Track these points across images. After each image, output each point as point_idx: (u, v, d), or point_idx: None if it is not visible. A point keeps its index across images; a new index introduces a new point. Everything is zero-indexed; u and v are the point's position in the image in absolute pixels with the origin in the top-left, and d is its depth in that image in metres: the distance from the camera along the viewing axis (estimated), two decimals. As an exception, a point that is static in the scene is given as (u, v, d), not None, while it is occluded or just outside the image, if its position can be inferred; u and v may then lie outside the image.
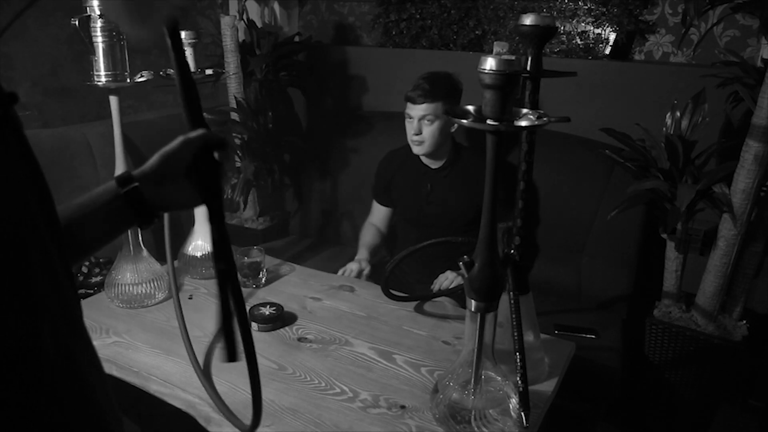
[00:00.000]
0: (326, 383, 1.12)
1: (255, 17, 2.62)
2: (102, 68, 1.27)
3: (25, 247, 0.39)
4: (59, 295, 0.43)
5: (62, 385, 0.42)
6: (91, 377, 0.47)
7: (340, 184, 2.51)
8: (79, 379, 0.45)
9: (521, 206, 1.10)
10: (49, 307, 0.41)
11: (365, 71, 2.58)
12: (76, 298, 0.48)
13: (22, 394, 0.38)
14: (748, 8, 1.58)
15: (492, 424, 0.96)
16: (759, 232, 1.72)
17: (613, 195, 1.90)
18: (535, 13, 0.99)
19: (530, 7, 2.27)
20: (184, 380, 1.12)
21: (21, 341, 0.38)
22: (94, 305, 1.42)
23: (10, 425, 0.38)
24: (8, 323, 0.36)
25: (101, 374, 0.49)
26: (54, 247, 0.44)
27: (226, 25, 2.35)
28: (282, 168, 2.67)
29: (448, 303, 1.51)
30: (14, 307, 0.37)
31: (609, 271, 1.98)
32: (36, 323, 0.39)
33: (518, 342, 1.02)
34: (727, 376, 1.74)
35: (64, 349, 0.43)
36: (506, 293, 1.06)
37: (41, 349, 0.39)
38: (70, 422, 0.43)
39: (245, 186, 2.45)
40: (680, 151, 1.67)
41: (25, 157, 0.43)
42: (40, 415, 0.40)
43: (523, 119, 0.88)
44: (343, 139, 2.48)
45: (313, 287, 1.53)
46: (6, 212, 0.37)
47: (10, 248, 0.37)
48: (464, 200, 1.82)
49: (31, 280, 0.39)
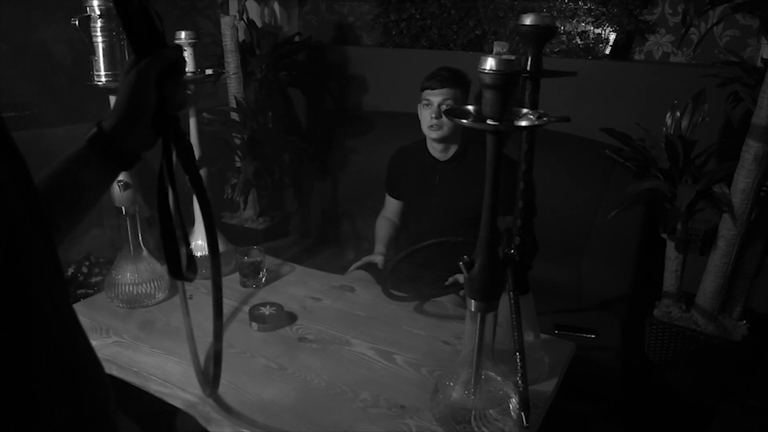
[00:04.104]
0: (326, 383, 1.12)
1: (255, 17, 2.62)
2: (102, 68, 1.27)
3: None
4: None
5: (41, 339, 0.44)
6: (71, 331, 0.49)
7: (340, 184, 2.51)
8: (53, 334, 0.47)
9: (521, 206, 1.10)
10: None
11: (365, 71, 2.58)
12: (55, 263, 0.49)
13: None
14: (748, 8, 1.58)
15: (492, 424, 0.96)
16: (759, 232, 1.72)
17: (613, 195, 1.90)
18: (535, 13, 0.99)
19: (530, 7, 2.27)
20: (184, 380, 1.12)
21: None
22: (94, 305, 1.42)
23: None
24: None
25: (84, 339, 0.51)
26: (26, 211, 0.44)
27: (226, 25, 2.35)
28: (282, 168, 2.67)
29: (448, 303, 1.51)
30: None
31: (609, 271, 1.98)
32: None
33: (518, 342, 1.02)
34: (727, 376, 1.74)
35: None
36: (506, 293, 1.06)
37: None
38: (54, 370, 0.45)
39: (245, 186, 2.45)
40: (680, 151, 1.67)
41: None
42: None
43: (523, 119, 0.88)
44: (343, 139, 2.48)
45: (313, 287, 1.53)
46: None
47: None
48: (472, 193, 1.83)
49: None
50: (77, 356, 0.52)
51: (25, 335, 0.43)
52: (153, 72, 0.66)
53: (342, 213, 2.51)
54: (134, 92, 0.67)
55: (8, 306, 0.41)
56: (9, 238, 0.42)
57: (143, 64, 0.66)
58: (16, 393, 0.42)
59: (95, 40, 1.25)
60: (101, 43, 1.25)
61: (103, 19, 1.23)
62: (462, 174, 1.88)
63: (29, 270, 0.44)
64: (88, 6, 1.24)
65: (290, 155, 2.67)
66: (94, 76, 1.28)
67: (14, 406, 0.41)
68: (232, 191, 2.45)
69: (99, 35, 1.24)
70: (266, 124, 2.51)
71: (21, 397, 0.42)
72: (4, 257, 0.41)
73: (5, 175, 0.45)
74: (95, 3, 1.23)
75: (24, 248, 0.44)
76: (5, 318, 0.41)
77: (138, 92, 0.67)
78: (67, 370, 0.49)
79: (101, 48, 1.25)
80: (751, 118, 1.57)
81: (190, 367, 1.15)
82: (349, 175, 2.46)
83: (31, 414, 0.43)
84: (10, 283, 0.41)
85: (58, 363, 0.47)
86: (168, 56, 0.66)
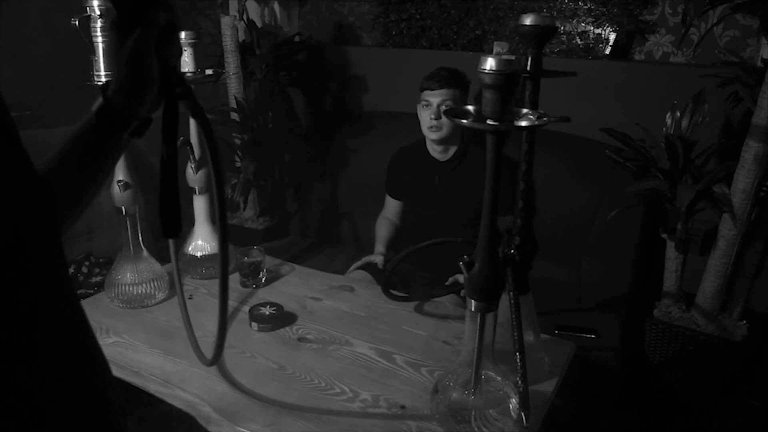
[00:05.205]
0: (326, 383, 1.12)
1: (255, 17, 2.62)
2: (102, 68, 1.27)
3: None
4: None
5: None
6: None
7: (340, 184, 2.51)
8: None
9: (521, 206, 1.10)
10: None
11: (365, 71, 2.58)
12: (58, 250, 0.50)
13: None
14: (748, 8, 1.58)
15: (492, 424, 0.96)
16: (759, 232, 1.72)
17: (613, 195, 1.90)
18: (535, 13, 0.99)
19: (530, 7, 2.27)
20: (184, 380, 1.12)
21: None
22: (94, 305, 1.42)
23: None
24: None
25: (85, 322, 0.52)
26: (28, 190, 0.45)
27: (226, 25, 2.35)
28: (282, 168, 2.67)
29: (448, 303, 1.51)
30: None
31: (609, 271, 1.98)
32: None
33: (518, 342, 1.02)
34: (727, 376, 1.74)
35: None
36: (506, 293, 1.06)
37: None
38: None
39: (245, 186, 2.45)
40: (680, 151, 1.67)
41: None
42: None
43: (523, 119, 0.88)
44: (343, 139, 2.48)
45: (313, 287, 1.53)
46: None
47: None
48: (472, 193, 1.83)
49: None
50: (86, 346, 0.51)
51: (32, 322, 0.43)
52: (150, 42, 0.62)
53: (342, 213, 2.51)
54: (136, 68, 0.64)
55: (15, 293, 0.41)
56: (14, 225, 0.42)
57: (138, 37, 0.62)
58: (23, 383, 0.42)
59: (95, 40, 1.25)
60: (101, 43, 1.25)
61: (103, 19, 1.23)
62: (462, 174, 1.88)
63: (35, 259, 0.44)
64: (88, 6, 1.24)
65: (290, 155, 2.67)
66: (94, 76, 1.28)
67: (22, 397, 0.41)
68: (232, 191, 2.45)
69: (99, 35, 1.24)
70: (266, 125, 2.51)
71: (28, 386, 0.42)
72: (11, 243, 0.41)
73: (10, 162, 0.45)
74: (95, 3, 1.23)
75: (30, 235, 0.44)
76: (12, 304, 0.41)
77: (140, 67, 0.64)
78: (76, 360, 0.49)
79: (101, 48, 1.25)
80: (751, 118, 1.57)
81: (191, 367, 1.15)
82: (349, 175, 2.46)
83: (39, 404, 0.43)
84: (17, 269, 0.41)
85: (66, 352, 0.47)
86: (161, 20, 0.62)
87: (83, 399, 0.49)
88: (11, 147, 0.47)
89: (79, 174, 0.69)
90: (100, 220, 2.30)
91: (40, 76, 2.15)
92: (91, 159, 0.70)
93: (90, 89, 1.30)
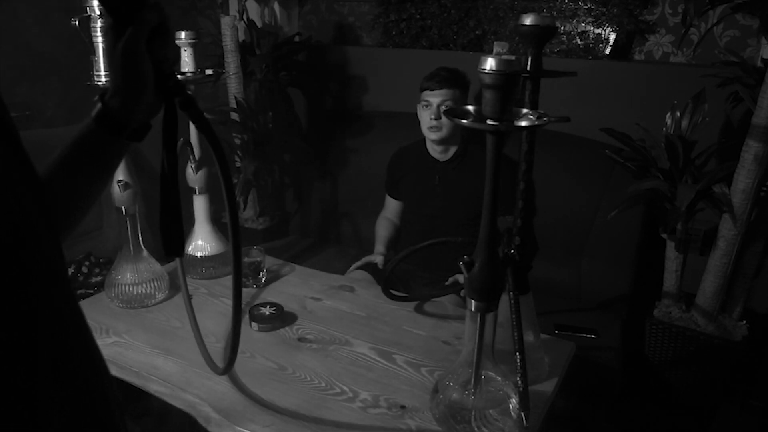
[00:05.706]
0: (326, 383, 1.12)
1: (255, 17, 2.62)
2: (102, 68, 1.26)
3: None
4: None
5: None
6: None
7: (340, 184, 2.51)
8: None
9: (521, 206, 1.10)
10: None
11: (365, 71, 2.58)
12: (58, 251, 0.50)
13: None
14: (748, 8, 1.58)
15: (492, 424, 0.96)
16: (759, 232, 1.72)
17: (613, 195, 1.90)
18: (535, 13, 0.99)
19: (530, 7, 2.27)
20: (184, 380, 1.12)
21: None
22: (94, 305, 1.42)
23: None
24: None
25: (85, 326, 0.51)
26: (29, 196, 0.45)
27: (226, 25, 2.35)
28: (282, 168, 2.67)
29: (448, 303, 1.51)
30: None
31: (609, 271, 1.98)
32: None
33: (518, 342, 1.02)
34: (727, 376, 1.74)
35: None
36: (506, 293, 1.06)
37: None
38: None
39: (245, 186, 2.45)
40: (680, 151, 1.67)
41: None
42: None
43: (523, 119, 0.88)
44: (343, 139, 2.48)
45: (313, 287, 1.53)
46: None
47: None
48: (472, 193, 1.83)
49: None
50: (85, 347, 0.51)
51: (31, 322, 0.43)
52: (141, 43, 0.63)
53: (342, 213, 2.52)
54: (129, 69, 0.65)
55: (15, 293, 0.41)
56: (14, 225, 0.42)
57: (128, 38, 0.62)
58: (23, 383, 0.42)
59: (95, 40, 1.25)
60: (101, 43, 1.25)
61: (103, 19, 1.23)
62: (462, 174, 1.88)
63: (35, 259, 0.44)
64: (88, 6, 1.24)
65: (290, 155, 2.67)
66: (94, 76, 1.28)
67: (20, 398, 0.41)
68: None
69: (99, 35, 1.24)
70: (266, 125, 2.51)
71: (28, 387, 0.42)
72: (10, 243, 0.41)
73: (10, 162, 0.45)
74: (95, 3, 1.23)
75: (30, 235, 0.44)
76: (12, 304, 0.41)
77: (133, 68, 0.64)
78: (76, 361, 0.49)
79: (101, 48, 1.25)
80: (751, 118, 1.57)
81: (190, 367, 1.15)
82: (349, 175, 2.46)
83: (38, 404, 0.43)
84: (17, 269, 0.41)
85: (66, 352, 0.47)
86: (150, 20, 0.63)
87: (83, 399, 0.49)
88: (11, 147, 0.47)
89: (79, 178, 0.69)
90: (100, 220, 2.30)
91: (40, 76, 2.15)
92: (91, 163, 0.70)
93: (90, 89, 1.30)
